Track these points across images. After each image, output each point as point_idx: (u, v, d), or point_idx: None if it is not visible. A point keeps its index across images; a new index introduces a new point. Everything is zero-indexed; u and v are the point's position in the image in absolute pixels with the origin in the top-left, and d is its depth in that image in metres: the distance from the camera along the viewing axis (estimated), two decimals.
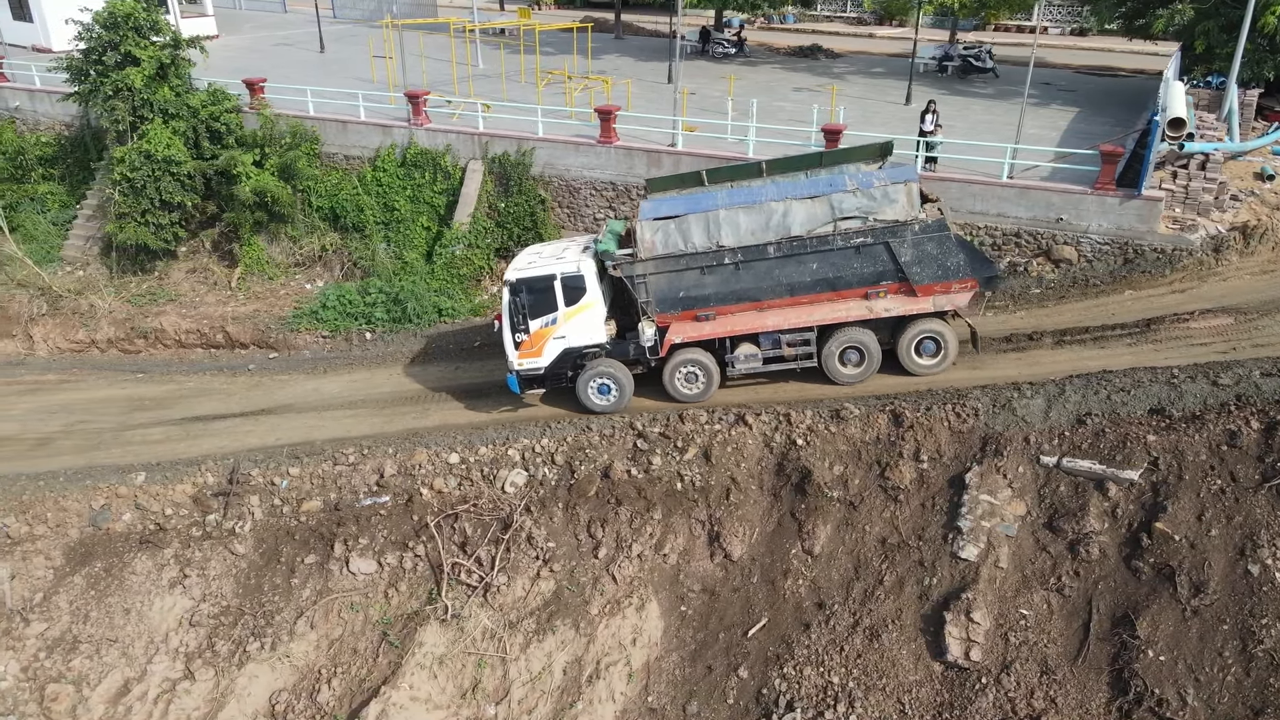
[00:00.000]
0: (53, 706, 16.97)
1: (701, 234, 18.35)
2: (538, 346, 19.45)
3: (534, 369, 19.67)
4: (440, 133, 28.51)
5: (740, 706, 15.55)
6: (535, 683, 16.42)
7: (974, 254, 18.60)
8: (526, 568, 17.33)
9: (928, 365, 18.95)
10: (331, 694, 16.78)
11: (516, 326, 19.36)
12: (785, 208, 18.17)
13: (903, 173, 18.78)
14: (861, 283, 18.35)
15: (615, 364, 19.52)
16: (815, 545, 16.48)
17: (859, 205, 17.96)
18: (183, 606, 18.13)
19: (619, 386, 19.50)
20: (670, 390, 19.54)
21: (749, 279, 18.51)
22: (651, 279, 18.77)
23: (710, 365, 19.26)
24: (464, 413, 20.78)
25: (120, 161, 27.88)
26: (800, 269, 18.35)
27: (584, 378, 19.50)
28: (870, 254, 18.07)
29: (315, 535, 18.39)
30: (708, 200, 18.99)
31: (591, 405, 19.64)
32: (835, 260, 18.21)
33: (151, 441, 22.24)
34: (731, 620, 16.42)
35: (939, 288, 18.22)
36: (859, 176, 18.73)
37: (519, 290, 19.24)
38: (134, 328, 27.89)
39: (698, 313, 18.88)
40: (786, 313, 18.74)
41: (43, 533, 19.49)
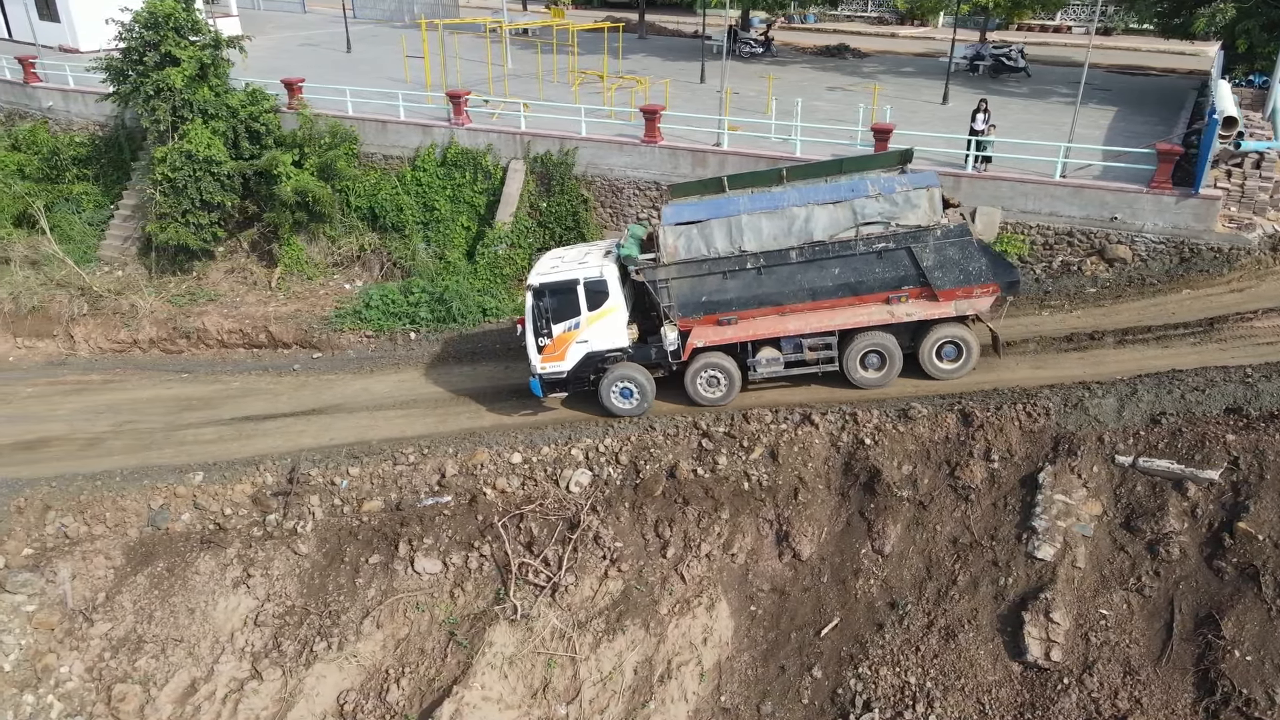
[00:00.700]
0: (120, 706, 16.97)
1: (724, 239, 18.48)
2: (560, 350, 19.56)
3: (557, 373, 19.80)
4: (481, 132, 28.49)
5: (815, 706, 15.52)
6: (606, 682, 16.40)
7: (995, 258, 18.68)
8: (594, 567, 17.31)
9: (949, 370, 19.02)
10: (401, 694, 16.76)
11: (540, 331, 19.48)
12: (808, 213, 18.29)
13: (924, 178, 18.89)
14: (883, 287, 18.44)
15: (637, 368, 19.63)
16: (886, 545, 16.44)
17: (881, 210, 18.06)
18: (247, 606, 18.13)
19: (641, 390, 19.62)
20: (692, 394, 19.64)
21: (771, 283, 18.63)
22: (674, 283, 18.87)
23: (732, 369, 19.36)
24: (518, 412, 20.76)
25: (161, 161, 27.90)
26: (822, 273, 18.45)
27: (606, 381, 19.60)
28: (892, 259, 18.18)
29: (378, 535, 18.38)
30: (730, 205, 19.10)
31: (614, 409, 19.78)
32: (857, 265, 18.31)
33: (204, 441, 22.24)
34: (803, 620, 16.39)
35: (960, 292, 18.30)
36: (881, 181, 18.80)
37: (542, 294, 19.35)
38: (176, 328, 27.90)
39: (720, 317, 18.97)
40: (808, 317, 18.82)
41: (101, 532, 19.51)
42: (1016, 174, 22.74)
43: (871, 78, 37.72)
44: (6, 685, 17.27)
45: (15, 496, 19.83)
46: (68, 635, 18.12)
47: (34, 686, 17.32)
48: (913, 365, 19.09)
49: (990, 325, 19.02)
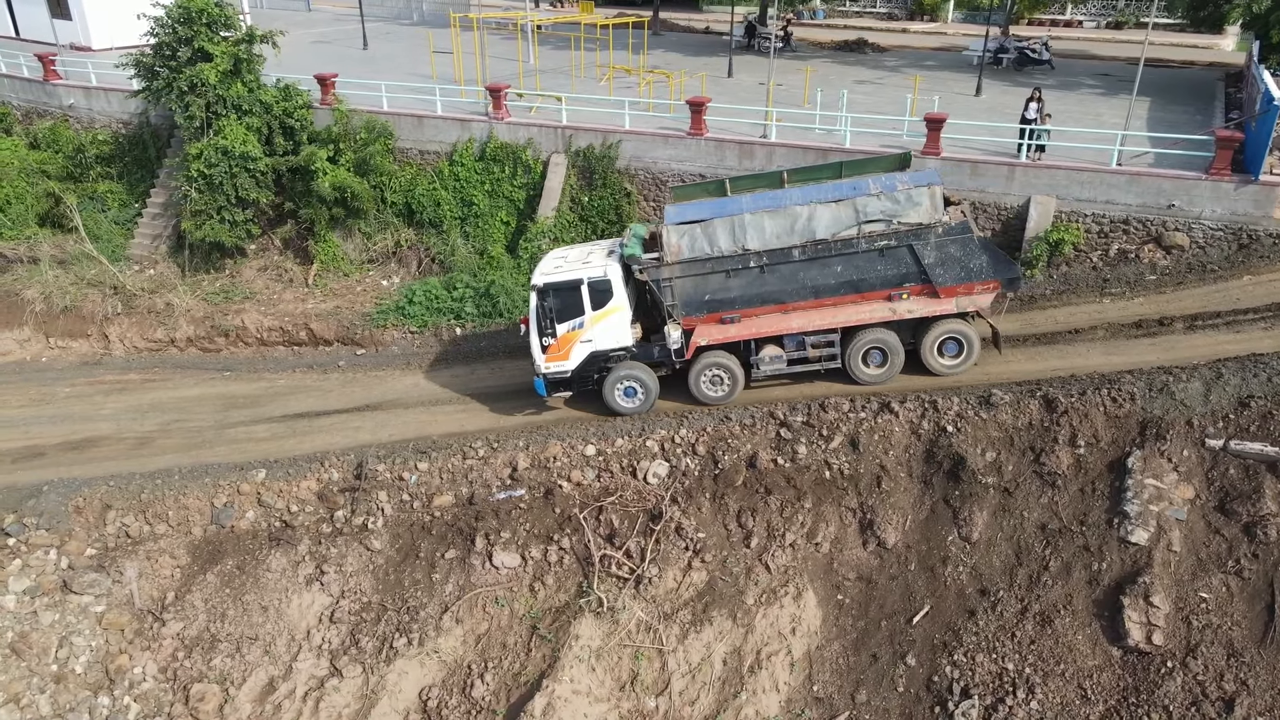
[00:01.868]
0: (200, 706, 16.73)
1: (727, 238, 18.58)
2: (565, 350, 19.58)
3: (561, 372, 19.82)
4: (521, 126, 28.30)
5: (911, 694, 15.45)
6: (695, 674, 16.28)
7: (996, 255, 18.82)
8: (677, 559, 17.18)
9: (950, 366, 19.20)
10: (486, 689, 16.58)
11: (544, 330, 19.52)
12: (810, 211, 18.40)
13: (926, 176, 19.08)
14: (885, 285, 18.56)
15: (641, 367, 19.67)
16: (973, 532, 16.39)
17: (883, 208, 18.22)
18: (322, 603, 17.90)
19: (645, 389, 19.66)
20: (695, 392, 19.68)
21: (774, 282, 18.72)
22: (677, 282, 18.94)
23: (735, 368, 19.42)
24: (582, 406, 20.57)
25: (196, 158, 27.59)
26: (824, 271, 18.57)
27: (610, 380, 19.65)
28: (894, 256, 18.32)
29: (453, 530, 18.19)
30: (733, 205, 19.19)
31: (617, 408, 19.84)
32: (859, 263, 18.43)
33: (258, 439, 21.98)
34: (892, 608, 16.32)
35: (962, 289, 18.45)
36: (883, 180, 18.94)
37: (546, 294, 19.34)
38: (214, 325, 27.59)
39: (723, 315, 19.05)
40: (810, 315, 18.92)
41: (164, 531, 19.24)
42: (1071, 162, 22.76)
43: (896, 71, 37.78)
44: (79, 687, 16.99)
45: (73, 496, 19.51)
46: (137, 635, 17.85)
47: (108, 688, 17.04)
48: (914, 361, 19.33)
49: (991, 321, 19.15)
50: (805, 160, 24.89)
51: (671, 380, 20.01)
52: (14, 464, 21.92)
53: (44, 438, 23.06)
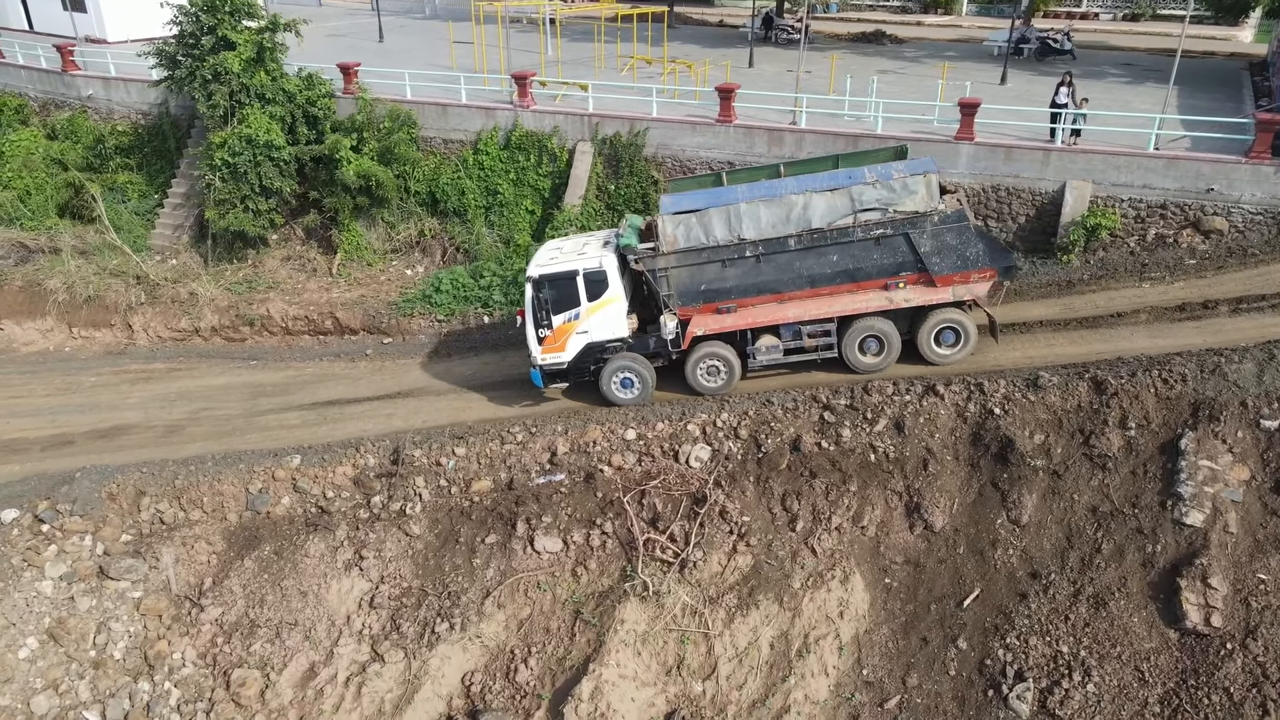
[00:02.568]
0: (241, 692, 16.55)
1: (723, 227, 18.51)
2: (561, 341, 19.54)
3: (557, 363, 19.79)
4: (546, 114, 28.14)
5: (963, 678, 15.28)
6: (742, 658, 16.10)
7: (992, 244, 18.69)
8: (721, 542, 17.00)
9: (947, 355, 19.11)
10: (530, 674, 16.40)
11: (540, 322, 19.47)
12: (806, 200, 18.32)
13: (922, 164, 19.00)
14: (881, 274, 18.47)
15: (637, 358, 19.60)
16: (1022, 515, 16.21)
17: (879, 197, 18.14)
18: (361, 588, 17.73)
19: (641, 380, 19.60)
20: (692, 383, 19.61)
21: (770, 271, 18.63)
22: (673, 273, 18.88)
23: (731, 358, 19.33)
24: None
25: (220, 147, 27.43)
26: (820, 261, 18.48)
27: (606, 371, 19.64)
28: (890, 245, 18.23)
29: (493, 515, 18.01)
30: (728, 194, 19.13)
31: (614, 399, 19.78)
32: (855, 252, 18.34)
33: (289, 426, 21.82)
34: (941, 591, 16.14)
35: (958, 278, 18.35)
36: (878, 169, 18.90)
37: (542, 286, 19.29)
38: (239, 315, 27.43)
39: (719, 305, 18.96)
40: (807, 304, 18.81)
41: (199, 518, 19.06)
42: (1107, 147, 22.59)
43: (916, 62, 37.62)
44: (119, 673, 16.82)
45: (106, 483, 19.30)
46: (175, 621, 17.68)
47: (147, 674, 16.87)
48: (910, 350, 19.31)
49: (988, 310, 19.00)
50: (836, 146, 24.72)
51: (669, 371, 19.95)
52: (43, 452, 21.78)
53: (71, 426, 22.92)
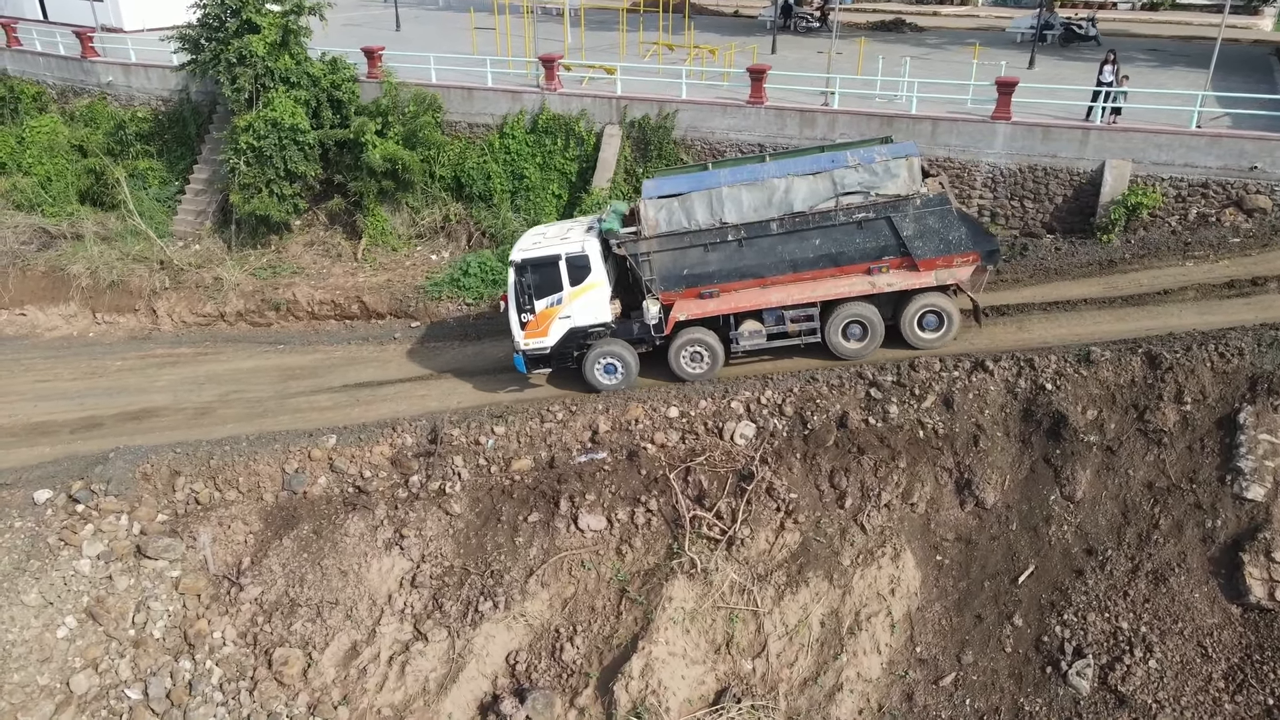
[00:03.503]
0: (284, 670, 16.34)
1: (705, 211, 18.35)
2: (543, 326, 19.41)
3: (540, 349, 19.66)
4: (574, 98, 27.92)
5: (1020, 655, 15.04)
6: (792, 636, 15.87)
7: (975, 228, 18.53)
8: (769, 520, 16.77)
9: (930, 339, 18.94)
10: (576, 652, 16.18)
11: (522, 307, 19.34)
12: (788, 184, 18.17)
13: (904, 148, 18.93)
14: (864, 258, 18.32)
15: (621, 343, 19.48)
16: (1076, 491, 15.96)
17: (861, 180, 17.99)
18: (402, 567, 17.50)
19: (625, 366, 19.48)
20: (675, 369, 19.47)
21: (752, 256, 18.48)
22: (655, 257, 18.73)
23: (714, 344, 19.21)
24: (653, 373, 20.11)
25: (245, 130, 27.22)
26: (803, 245, 18.32)
27: (590, 357, 19.51)
28: (872, 229, 18.09)
29: (534, 493, 17.77)
30: (710, 178, 19.07)
31: (597, 384, 19.64)
32: (838, 236, 18.20)
33: (321, 408, 21.61)
34: (994, 568, 15.90)
35: (941, 262, 18.16)
36: (861, 152, 18.78)
37: (524, 270, 19.16)
38: (265, 300, 27.26)
39: (701, 290, 18.81)
40: (790, 289, 18.67)
41: (234, 498, 18.83)
42: (1149, 125, 22.35)
43: (939, 48, 37.37)
44: (159, 652, 16.61)
45: (140, 463, 19.07)
46: (214, 600, 17.46)
47: (188, 652, 16.66)
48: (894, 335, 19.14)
49: (971, 294, 18.81)
50: (870, 127, 24.61)
51: (653, 357, 19.79)
52: (72, 434, 21.59)
53: (100, 409, 22.73)
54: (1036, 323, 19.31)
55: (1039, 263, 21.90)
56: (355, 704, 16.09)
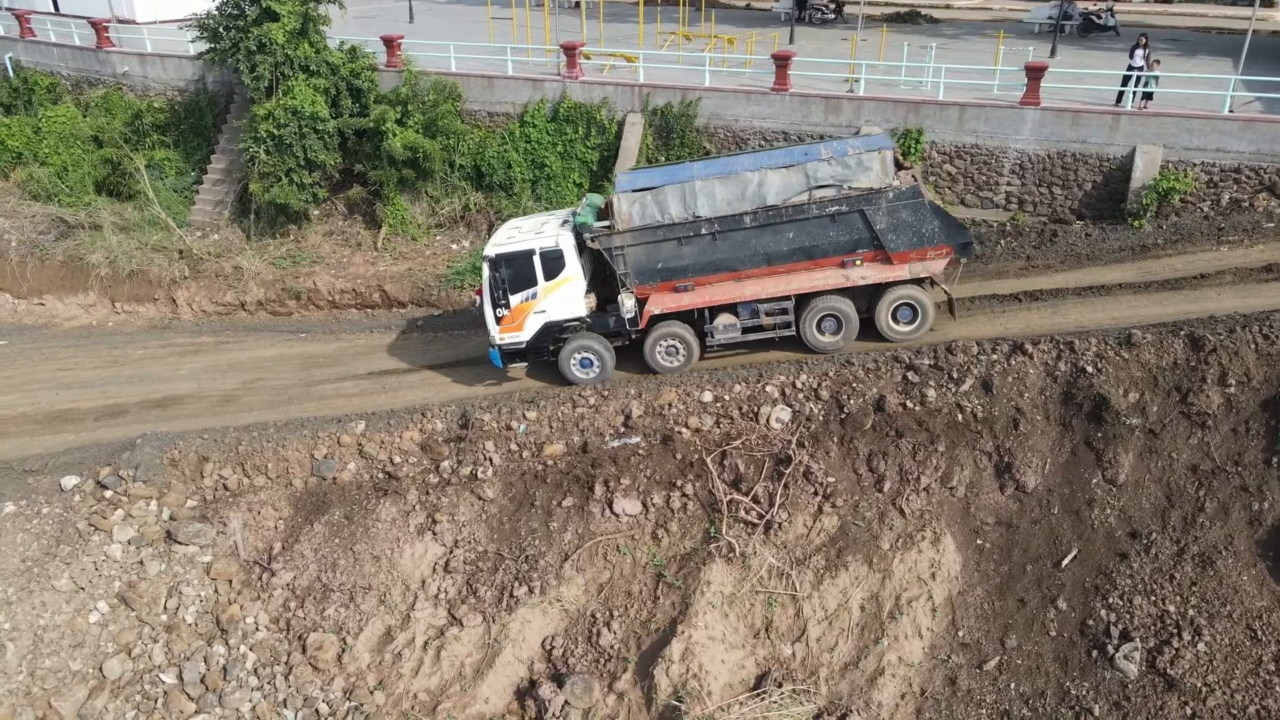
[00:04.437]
0: (318, 655, 16.20)
1: (678, 205, 18.25)
2: (518, 321, 19.35)
3: (515, 343, 19.62)
4: (596, 86, 27.74)
5: (1065, 639, 14.88)
6: (832, 620, 15.72)
7: (948, 221, 18.45)
8: (806, 504, 16.61)
9: (905, 331, 18.88)
10: (613, 637, 16.03)
11: (497, 301, 19.26)
12: (760, 177, 18.11)
13: (877, 141, 18.88)
14: (838, 251, 18.25)
15: (596, 337, 19.44)
16: (1118, 474, 15.81)
17: (834, 174, 17.91)
18: (435, 553, 17.36)
19: (600, 360, 19.41)
20: (650, 362, 19.41)
21: (726, 249, 18.42)
22: (629, 251, 18.65)
23: (689, 337, 19.18)
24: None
25: (265, 119, 27.05)
26: (777, 238, 18.27)
27: (565, 351, 19.47)
28: (845, 222, 18.01)
29: (568, 478, 17.62)
30: (684, 172, 19.06)
31: (573, 378, 19.58)
32: (811, 229, 18.14)
33: (346, 395, 21.48)
34: (1036, 552, 15.74)
35: (915, 255, 18.11)
36: (834, 145, 18.70)
37: (498, 265, 19.09)
38: (285, 289, 27.13)
39: (676, 284, 18.77)
40: (764, 282, 18.64)
41: (263, 484, 18.69)
42: (1181, 109, 22.17)
43: (957, 39, 37.16)
44: (192, 637, 16.47)
45: (168, 449, 18.93)
46: (245, 586, 17.33)
47: (221, 637, 16.52)
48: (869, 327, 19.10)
49: (945, 287, 18.74)
50: (896, 113, 24.53)
51: (631, 350, 19.71)
52: (97, 421, 21.46)
53: (123, 397, 22.60)
54: (1071, 307, 19.15)
55: (1070, 248, 21.71)
56: (391, 689, 15.95)
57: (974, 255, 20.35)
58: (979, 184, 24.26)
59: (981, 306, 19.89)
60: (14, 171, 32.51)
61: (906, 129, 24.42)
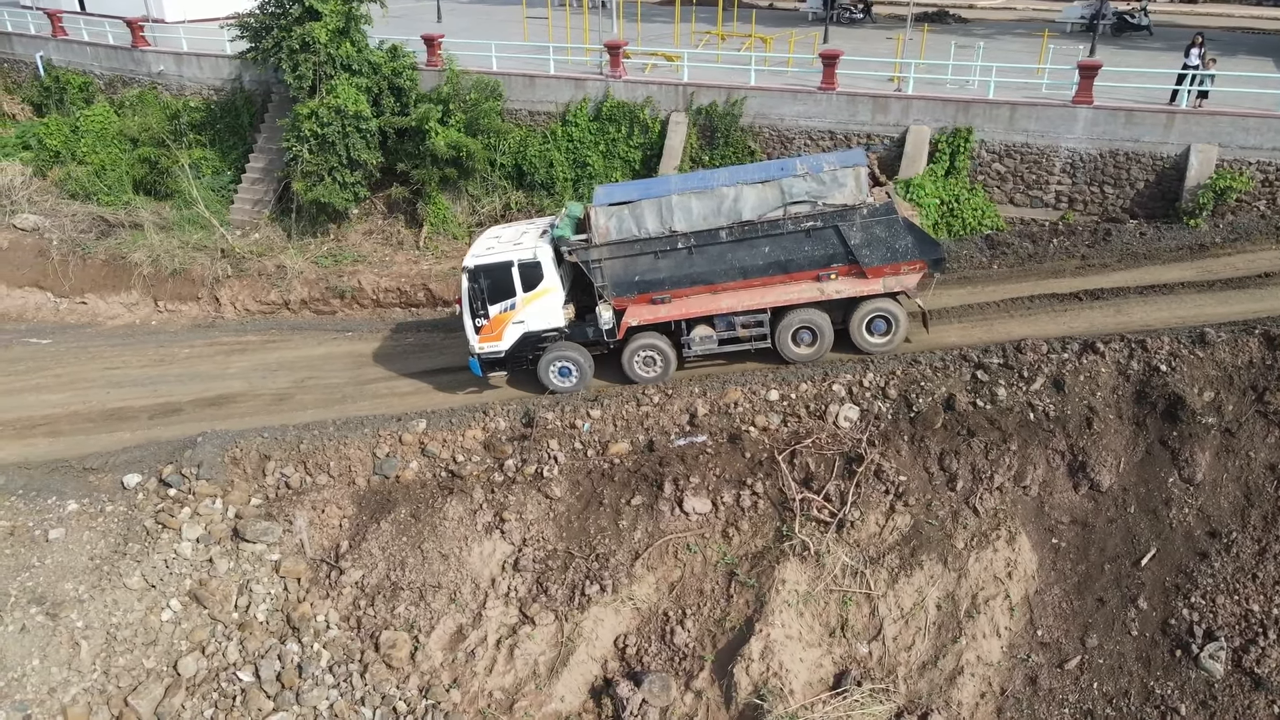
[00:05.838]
0: (392, 653, 16.17)
1: (654, 219, 18.31)
2: (497, 331, 19.44)
3: (494, 352, 19.68)
4: (639, 85, 27.72)
5: (1147, 638, 14.84)
6: (908, 619, 15.68)
7: (922, 237, 18.54)
8: (878, 502, 16.58)
9: (878, 343, 19.01)
10: (688, 635, 16.00)
11: (476, 311, 19.33)
12: (736, 193, 18.17)
13: (852, 156, 19.01)
14: (812, 265, 18.38)
15: (575, 346, 19.54)
16: (1195, 473, 15.76)
17: (808, 189, 17.97)
18: (503, 551, 17.32)
19: (579, 369, 19.53)
20: (629, 372, 19.52)
21: (702, 263, 18.51)
22: (607, 264, 18.75)
23: (667, 348, 19.29)
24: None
25: (308, 118, 27.04)
26: (752, 253, 18.37)
27: (545, 360, 19.55)
28: (820, 237, 18.12)
29: (636, 476, 17.59)
30: (660, 186, 19.33)
31: (552, 387, 19.70)
32: (786, 244, 18.25)
33: (401, 394, 21.46)
34: (1114, 551, 15.70)
35: (888, 269, 18.25)
36: (810, 160, 18.86)
37: (477, 276, 19.14)
38: (329, 287, 27.11)
39: (653, 296, 18.89)
40: (740, 295, 18.77)
41: (325, 482, 18.67)
42: (1235, 109, 22.13)
43: (989, 38, 37.08)
44: (264, 635, 16.44)
45: (229, 448, 18.93)
46: (314, 584, 17.30)
47: (293, 635, 16.49)
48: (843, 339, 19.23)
49: (919, 302, 18.85)
50: (945, 112, 24.48)
51: (611, 358, 19.79)
52: (151, 420, 21.46)
53: (176, 395, 22.59)
54: (1135, 306, 19.12)
55: (1125, 247, 21.68)
56: (466, 687, 15.93)
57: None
58: (1028, 183, 24.22)
59: (1041, 305, 19.88)
60: (51, 170, 32.51)
61: (956, 128, 24.39)
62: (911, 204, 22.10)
